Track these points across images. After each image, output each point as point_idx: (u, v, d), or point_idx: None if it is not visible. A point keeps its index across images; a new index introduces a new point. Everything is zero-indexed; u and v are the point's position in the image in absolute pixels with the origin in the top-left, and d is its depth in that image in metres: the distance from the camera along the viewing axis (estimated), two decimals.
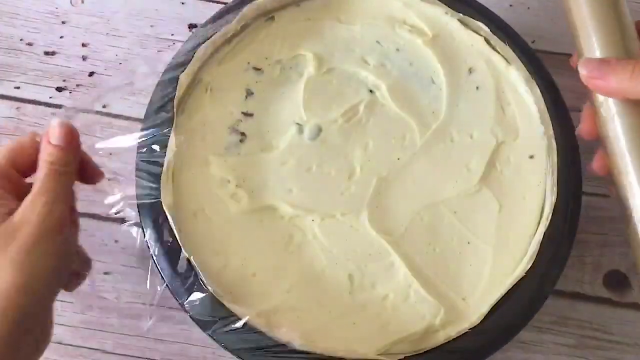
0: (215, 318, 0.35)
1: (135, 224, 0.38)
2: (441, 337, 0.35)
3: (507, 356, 0.43)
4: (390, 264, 0.37)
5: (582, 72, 0.34)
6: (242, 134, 0.40)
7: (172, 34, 0.51)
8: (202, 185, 0.38)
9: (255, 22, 0.42)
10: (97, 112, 0.48)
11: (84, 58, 0.50)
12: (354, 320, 0.36)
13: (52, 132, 0.36)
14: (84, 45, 0.50)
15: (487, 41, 0.42)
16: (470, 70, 0.41)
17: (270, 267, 0.37)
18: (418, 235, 0.38)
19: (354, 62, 0.42)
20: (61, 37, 0.51)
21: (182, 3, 0.51)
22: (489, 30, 0.41)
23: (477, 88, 0.41)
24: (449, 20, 0.42)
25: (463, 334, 0.35)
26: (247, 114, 0.40)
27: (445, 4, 0.42)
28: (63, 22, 0.51)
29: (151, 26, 0.51)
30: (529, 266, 0.36)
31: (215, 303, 0.35)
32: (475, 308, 0.36)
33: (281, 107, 0.40)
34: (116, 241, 0.45)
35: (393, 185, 0.39)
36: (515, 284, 0.36)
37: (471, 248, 0.38)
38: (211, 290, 0.35)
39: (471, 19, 0.41)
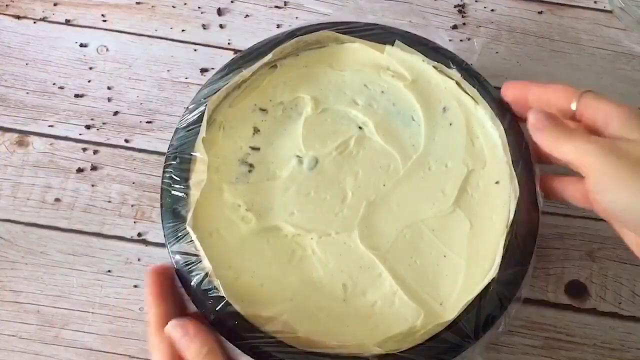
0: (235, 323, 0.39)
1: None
2: (421, 336, 0.39)
3: (482, 356, 0.48)
4: (378, 274, 0.41)
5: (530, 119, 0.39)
6: (251, 165, 0.44)
7: (186, 78, 0.55)
8: (217, 209, 0.42)
9: (261, 70, 0.46)
10: (121, 147, 0.53)
11: (109, 99, 0.54)
12: (348, 323, 0.40)
13: (174, 335, 0.37)
14: (109, 88, 0.55)
15: (458, 84, 0.46)
16: (444, 109, 0.46)
17: (275, 278, 0.41)
18: (401, 250, 0.42)
19: (345, 102, 0.46)
20: (89, 81, 0.55)
21: (195, 50, 0.56)
22: (460, 75, 0.46)
23: (450, 124, 0.45)
24: (426, 67, 0.46)
25: (440, 332, 0.39)
26: (255, 148, 0.45)
27: (423, 54, 0.47)
28: (90, 68, 0.55)
29: (168, 71, 0.55)
30: (494, 275, 0.40)
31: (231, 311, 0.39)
32: (450, 311, 0.40)
33: (284, 142, 0.45)
34: (139, 259, 0.49)
35: (380, 207, 0.43)
36: (485, 290, 0.40)
37: (447, 261, 0.42)
38: (226, 298, 0.39)
39: (444, 66, 0.46)
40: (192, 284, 0.40)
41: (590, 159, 0.36)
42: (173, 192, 0.42)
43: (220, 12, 0.58)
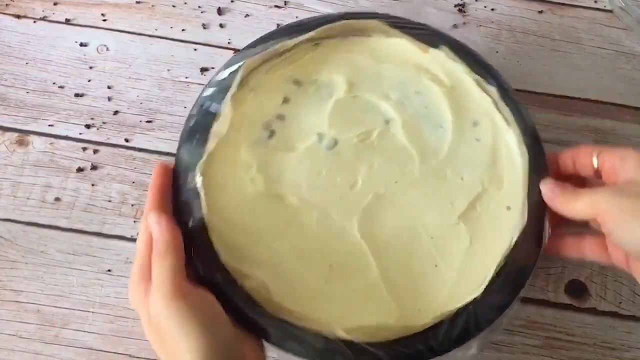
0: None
1: None
2: (390, 334, 0.39)
3: (482, 355, 0.48)
4: (366, 265, 0.41)
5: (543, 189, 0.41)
6: (272, 131, 0.44)
7: (187, 77, 0.55)
8: (230, 165, 0.43)
9: (304, 44, 0.47)
10: (121, 146, 0.53)
11: (109, 99, 0.54)
12: (323, 302, 0.40)
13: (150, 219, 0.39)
14: (109, 87, 0.55)
15: (495, 102, 0.45)
16: (474, 123, 0.45)
17: (267, 242, 0.41)
18: (396, 249, 0.42)
19: (378, 94, 0.46)
20: (89, 80, 0.55)
21: (195, 49, 0.56)
22: (498, 94, 0.45)
23: (477, 139, 0.45)
24: (466, 79, 0.46)
25: (408, 336, 0.39)
26: (280, 117, 0.45)
27: (467, 64, 0.46)
28: (90, 68, 0.55)
29: (168, 70, 0.55)
30: (477, 295, 0.40)
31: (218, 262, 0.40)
32: (425, 319, 0.39)
33: (309, 117, 0.45)
34: None
35: (386, 202, 0.43)
36: (464, 308, 0.40)
37: (437, 270, 0.41)
38: (216, 248, 0.39)
39: (485, 81, 0.45)
40: (189, 222, 0.41)
41: (602, 205, 0.37)
42: (193, 139, 0.43)
43: (220, 11, 0.58)
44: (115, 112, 0.54)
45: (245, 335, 0.39)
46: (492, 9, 0.59)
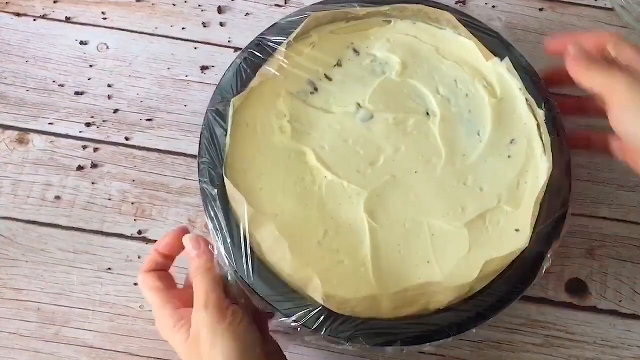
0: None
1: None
2: (356, 310, 0.39)
3: (482, 354, 0.48)
4: (360, 241, 0.42)
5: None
6: (316, 89, 0.46)
7: (187, 75, 0.55)
8: (265, 106, 0.45)
9: (375, 18, 0.48)
10: (121, 144, 0.53)
11: (109, 97, 0.54)
12: (308, 262, 0.40)
13: (187, 246, 0.42)
14: (109, 85, 0.55)
15: (538, 126, 0.45)
16: (512, 141, 0.45)
17: (274, 190, 0.42)
18: (394, 234, 0.42)
19: (428, 85, 0.46)
20: (89, 78, 0.55)
21: (195, 48, 0.56)
22: (544, 119, 0.44)
23: (509, 157, 0.45)
24: (519, 95, 0.46)
25: (373, 318, 0.39)
26: (328, 77, 0.46)
27: (524, 82, 0.46)
28: (90, 66, 0.55)
29: (168, 68, 0.55)
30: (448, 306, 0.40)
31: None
32: (396, 310, 0.39)
33: (355, 86, 0.46)
34: (139, 257, 0.50)
35: (399, 188, 0.43)
36: (435, 313, 0.40)
37: (428, 267, 0.41)
38: (226, 180, 0.41)
39: (536, 103, 0.45)
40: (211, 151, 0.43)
41: (618, 87, 0.38)
42: (240, 73, 0.45)
43: (220, 10, 0.58)
44: (115, 111, 0.54)
45: (269, 342, 0.41)
46: (493, 6, 0.59)
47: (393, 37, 0.48)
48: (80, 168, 0.52)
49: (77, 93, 0.55)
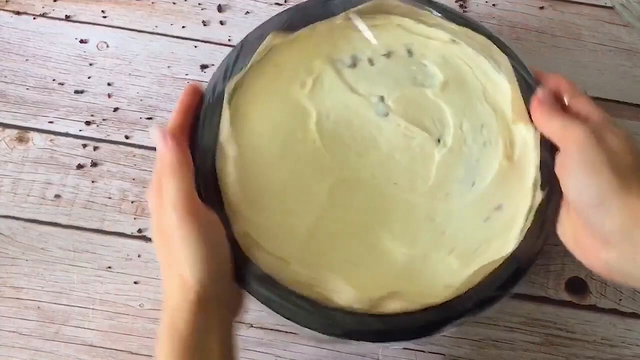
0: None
1: None
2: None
3: (482, 352, 0.48)
4: (310, 213, 0.42)
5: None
6: (354, 65, 0.46)
7: (187, 74, 0.55)
8: (301, 59, 0.45)
9: (442, 32, 0.46)
10: (121, 143, 0.53)
11: (109, 95, 0.54)
12: (268, 210, 0.41)
13: (153, 138, 0.39)
14: (109, 84, 0.55)
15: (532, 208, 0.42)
16: (498, 207, 0.43)
17: (265, 128, 0.43)
18: (340, 227, 0.42)
19: (455, 116, 0.45)
20: (89, 77, 0.55)
21: (195, 46, 0.56)
22: (539, 202, 0.41)
23: (487, 219, 0.42)
24: (531, 171, 0.43)
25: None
26: (371, 62, 0.46)
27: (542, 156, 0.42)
28: (90, 64, 0.55)
29: (168, 67, 0.55)
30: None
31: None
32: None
33: (389, 82, 0.45)
34: (139, 255, 0.50)
35: (371, 189, 0.43)
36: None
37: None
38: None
39: (540, 183, 0.42)
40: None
41: (571, 139, 0.38)
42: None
43: (220, 8, 0.58)
44: (115, 109, 0.54)
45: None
46: (494, 4, 0.59)
47: (451, 58, 0.46)
48: (80, 167, 0.52)
49: (77, 92, 0.55)
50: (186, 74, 0.55)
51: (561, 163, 0.39)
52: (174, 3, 0.58)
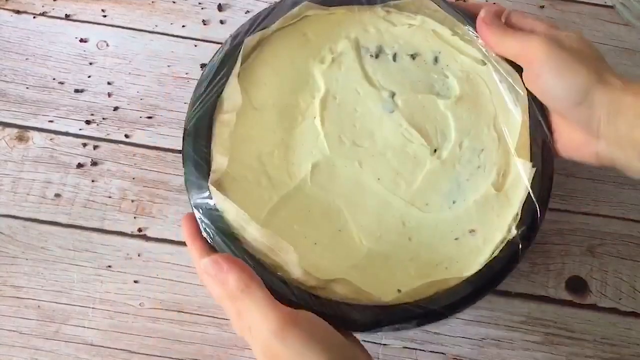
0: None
1: None
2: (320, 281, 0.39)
3: (482, 351, 0.48)
4: (290, 182, 0.43)
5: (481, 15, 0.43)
6: (377, 56, 0.47)
7: (187, 73, 0.55)
8: (330, 35, 0.46)
9: (473, 50, 0.46)
10: (121, 142, 0.53)
11: (109, 95, 0.54)
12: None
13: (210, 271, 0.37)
14: (109, 83, 0.55)
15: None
16: (471, 231, 0.43)
17: (272, 93, 0.44)
18: (313, 203, 0.42)
19: (460, 133, 0.45)
20: (89, 76, 0.55)
21: (195, 45, 0.56)
22: (512, 238, 0.42)
23: (456, 239, 0.43)
24: (516, 204, 0.43)
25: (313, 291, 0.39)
26: (394, 58, 0.47)
27: (531, 189, 0.43)
28: (90, 63, 0.55)
29: (168, 66, 0.55)
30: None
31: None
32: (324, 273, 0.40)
33: (405, 82, 0.46)
34: (139, 255, 0.50)
35: (353, 176, 0.43)
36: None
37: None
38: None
39: (514, 219, 0.42)
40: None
41: (533, 50, 0.40)
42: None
43: (220, 7, 0.58)
44: (116, 108, 0.54)
45: (353, 339, 0.39)
46: (494, 3, 0.59)
47: (474, 77, 0.46)
48: (80, 166, 0.52)
49: (77, 91, 0.55)
50: (186, 73, 0.55)
51: (531, 77, 0.41)
52: (174, 2, 0.58)
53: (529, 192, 0.42)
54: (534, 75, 0.41)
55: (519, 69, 0.43)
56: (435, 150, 0.44)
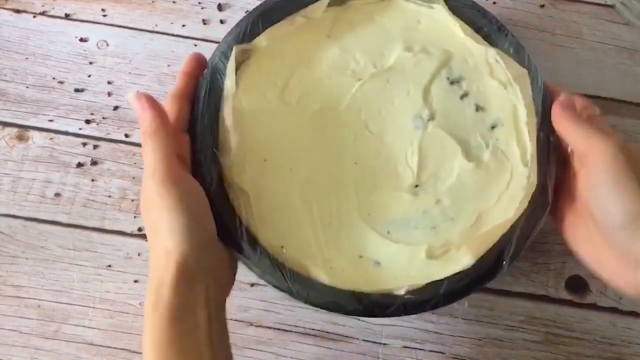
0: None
1: None
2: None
3: (482, 351, 0.48)
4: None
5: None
6: (452, 83, 0.44)
7: None
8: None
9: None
10: (121, 142, 0.53)
11: (109, 94, 0.54)
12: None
13: (132, 105, 0.39)
14: (109, 82, 0.55)
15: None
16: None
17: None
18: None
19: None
20: (89, 76, 0.55)
21: (195, 45, 0.56)
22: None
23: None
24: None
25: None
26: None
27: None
28: (90, 63, 0.55)
29: (168, 65, 0.55)
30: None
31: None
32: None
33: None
34: (139, 254, 0.50)
35: (344, 150, 0.43)
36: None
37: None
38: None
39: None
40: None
41: (600, 149, 0.36)
42: None
43: (220, 7, 0.58)
44: (115, 108, 0.54)
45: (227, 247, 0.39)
46: (494, 2, 0.59)
47: (504, 161, 0.43)
48: (80, 165, 0.52)
49: (77, 90, 0.55)
50: None
51: (587, 179, 0.37)
52: (174, 2, 0.58)
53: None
54: (589, 180, 0.37)
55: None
56: (416, 186, 0.42)
